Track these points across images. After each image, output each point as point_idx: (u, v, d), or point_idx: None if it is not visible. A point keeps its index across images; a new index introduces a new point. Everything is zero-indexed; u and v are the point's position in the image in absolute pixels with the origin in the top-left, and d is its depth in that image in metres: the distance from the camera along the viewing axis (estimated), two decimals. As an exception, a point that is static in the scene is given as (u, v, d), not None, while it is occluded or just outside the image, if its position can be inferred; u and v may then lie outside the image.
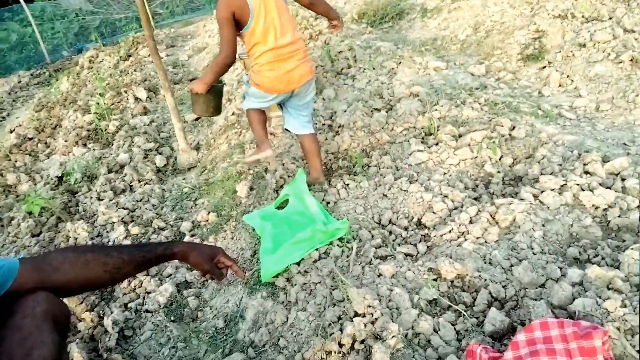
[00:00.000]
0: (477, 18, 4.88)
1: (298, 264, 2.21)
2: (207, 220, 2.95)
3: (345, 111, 3.62)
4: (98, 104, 4.88)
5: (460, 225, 2.12)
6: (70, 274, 1.36)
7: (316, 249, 2.22)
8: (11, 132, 5.33)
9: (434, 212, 2.27)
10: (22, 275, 1.30)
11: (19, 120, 5.83)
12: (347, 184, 2.72)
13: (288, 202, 2.71)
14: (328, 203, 2.63)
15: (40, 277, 1.33)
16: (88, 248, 1.46)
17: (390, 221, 2.35)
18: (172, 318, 2.28)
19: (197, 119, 4.60)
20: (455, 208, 2.27)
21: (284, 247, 2.24)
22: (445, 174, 2.58)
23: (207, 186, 3.36)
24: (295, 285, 2.12)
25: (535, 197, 2.21)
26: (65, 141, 4.43)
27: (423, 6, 5.80)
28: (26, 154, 4.48)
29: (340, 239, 2.24)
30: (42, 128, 5.07)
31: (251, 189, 3.04)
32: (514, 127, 2.81)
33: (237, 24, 2.42)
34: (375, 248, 2.13)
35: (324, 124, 3.56)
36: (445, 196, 2.34)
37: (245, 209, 2.90)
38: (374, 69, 4.15)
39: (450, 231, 2.12)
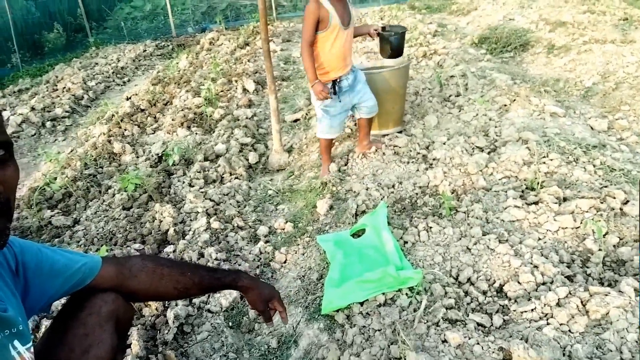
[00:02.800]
0: (608, 66, 4.47)
1: (361, 303, 2.13)
2: (284, 229, 2.96)
3: (444, 144, 3.47)
4: (209, 89, 5.09)
5: (545, 305, 1.93)
6: (144, 284, 1.43)
7: (383, 293, 2.13)
8: (127, 99, 5.73)
9: (519, 282, 2.09)
10: (103, 275, 1.37)
11: (137, 89, 6.25)
12: (430, 227, 2.59)
13: (364, 232, 2.64)
14: (406, 243, 2.53)
15: (118, 281, 1.40)
16: (167, 262, 1.52)
17: (468, 280, 2.19)
18: (230, 324, 2.30)
19: (295, 121, 4.65)
20: (544, 283, 2.07)
21: (350, 283, 2.18)
22: (539, 239, 2.36)
23: (291, 193, 3.37)
24: (354, 326, 2.05)
25: (637, 292, 1.95)
26: (173, 120, 4.67)
27: (551, 42, 5.43)
28: (135, 125, 4.78)
29: (410, 288, 2.14)
30: (154, 102, 5.40)
31: (331, 207, 3.01)
32: (627, 202, 2.52)
33: None
34: (446, 309, 2.00)
35: (418, 153, 3.44)
36: (536, 267, 2.14)
37: (321, 227, 2.87)
38: (486, 102, 3.93)
39: (532, 309, 1.93)
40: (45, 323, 2.24)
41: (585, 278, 2.11)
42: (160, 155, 3.92)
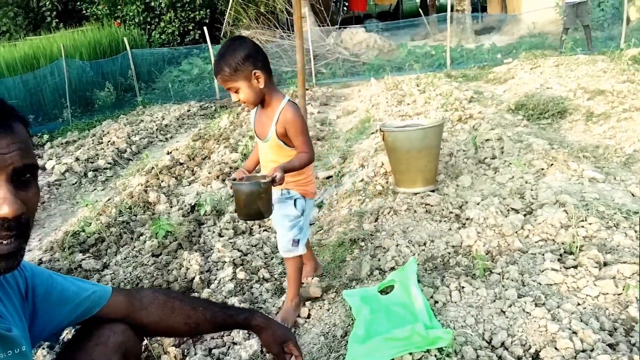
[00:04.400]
0: (650, 133, 4.37)
1: (387, 362, 2.02)
2: (310, 284, 2.89)
3: (478, 204, 3.40)
4: (246, 145, 5.23)
5: (585, 374, 1.78)
6: (154, 316, 1.40)
7: (410, 353, 2.01)
8: (168, 153, 5.93)
9: (556, 348, 1.95)
10: (111, 305, 1.35)
11: (178, 145, 6.47)
12: (463, 287, 2.48)
13: (393, 289, 2.55)
14: (436, 302, 2.41)
15: (127, 312, 1.37)
16: (178, 295, 1.49)
17: (502, 344, 2.06)
18: (248, 377, 2.22)
19: (328, 177, 4.67)
20: (584, 351, 1.92)
21: (375, 340, 2.08)
22: (579, 305, 2.22)
23: (319, 247, 3.33)
24: (378, 385, 1.93)
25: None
26: (209, 173, 4.78)
27: (589, 109, 5.37)
28: (173, 177, 4.91)
29: (439, 349, 2.02)
30: (193, 156, 5.56)
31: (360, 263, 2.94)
32: (674, 269, 2.36)
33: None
34: (477, 372, 1.87)
35: (451, 212, 3.37)
36: (574, 332, 2.00)
37: (348, 281, 2.80)
38: (522, 164, 3.86)
39: (571, 378, 1.78)
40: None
41: (629, 348, 1.95)
42: (193, 205, 3.98)
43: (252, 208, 2.15)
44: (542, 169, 3.87)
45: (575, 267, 2.49)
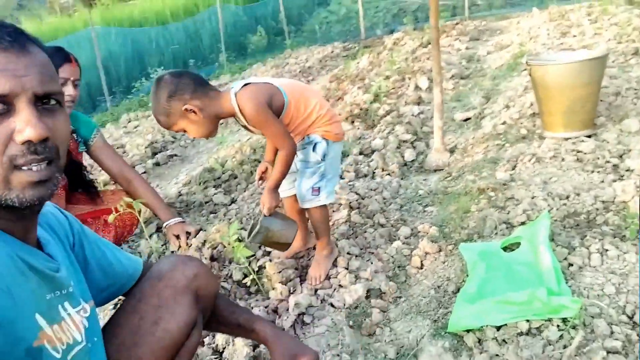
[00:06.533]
0: None
1: (498, 328, 1.78)
2: (427, 233, 2.69)
3: (645, 152, 2.80)
4: (379, 86, 5.02)
5: None
6: None
7: (527, 320, 1.74)
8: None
9: None
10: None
11: (315, 87, 6.49)
12: (606, 250, 2.07)
13: (519, 246, 2.23)
14: (570, 265, 2.06)
15: None
16: None
17: (648, 322, 1.68)
18: (350, 323, 2.15)
19: (466, 120, 4.28)
20: None
21: (486, 301, 1.83)
22: None
23: (443, 195, 3.07)
24: (484, 352, 1.72)
25: None
26: (339, 114, 4.69)
27: None
28: (306, 118, 4.94)
29: (563, 320, 1.71)
30: (327, 98, 5.51)
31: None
32: None
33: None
34: (608, 352, 1.54)
35: (607, 161, 2.83)
36: None
37: (469, 234, 2.53)
38: None
39: None
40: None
41: None
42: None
43: (278, 245, 2.27)
44: None
45: None
